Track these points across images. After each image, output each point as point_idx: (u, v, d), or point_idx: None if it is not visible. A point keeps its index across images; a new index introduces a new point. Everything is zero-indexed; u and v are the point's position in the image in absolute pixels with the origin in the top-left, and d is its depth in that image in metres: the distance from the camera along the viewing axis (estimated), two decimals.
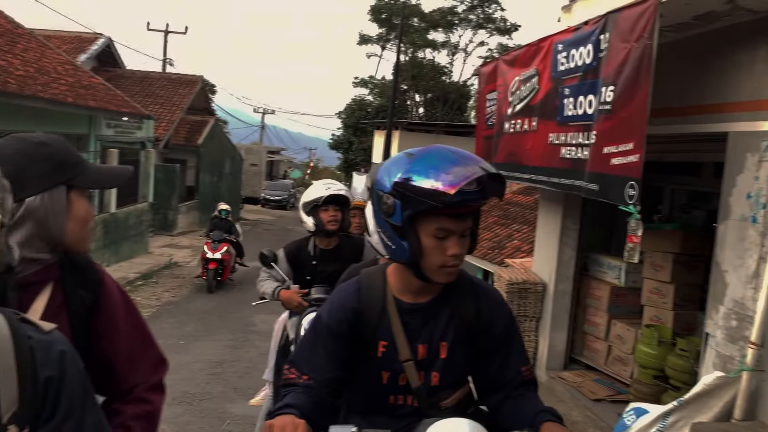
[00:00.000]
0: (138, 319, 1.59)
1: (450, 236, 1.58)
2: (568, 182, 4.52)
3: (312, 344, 1.71)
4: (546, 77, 4.88)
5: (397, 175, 1.57)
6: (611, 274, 5.83)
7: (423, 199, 1.51)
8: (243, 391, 5.69)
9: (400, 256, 1.63)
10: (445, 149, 1.62)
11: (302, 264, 3.79)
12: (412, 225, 1.57)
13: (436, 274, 1.62)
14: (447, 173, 1.51)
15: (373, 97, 32.91)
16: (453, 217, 1.57)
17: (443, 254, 1.58)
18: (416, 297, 1.72)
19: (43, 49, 13.26)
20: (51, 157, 1.38)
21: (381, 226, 1.64)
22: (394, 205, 1.57)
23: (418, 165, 1.56)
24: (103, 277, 1.53)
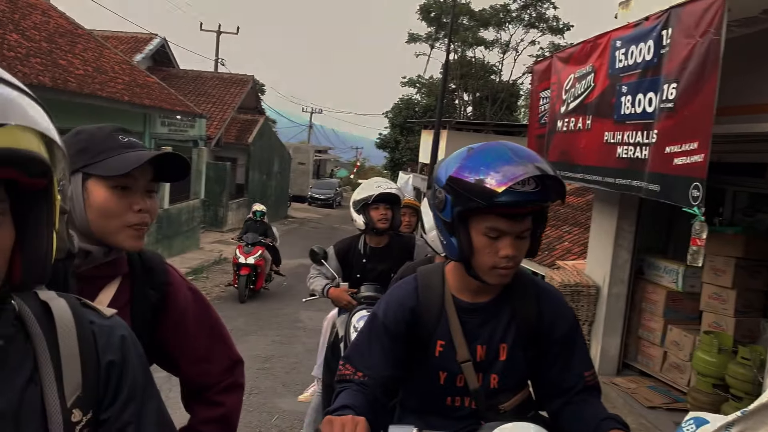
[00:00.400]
0: (211, 319, 1.57)
1: (503, 237, 1.53)
2: (625, 182, 4.38)
3: (368, 341, 1.69)
4: (602, 74, 4.75)
5: (453, 169, 1.53)
6: (668, 277, 5.64)
7: (471, 196, 1.47)
8: (291, 387, 5.73)
9: (450, 252, 1.59)
10: (504, 146, 1.57)
11: (352, 262, 3.80)
12: (464, 222, 1.53)
13: (487, 274, 1.57)
14: (497, 171, 1.46)
15: (421, 97, 32.84)
16: (507, 217, 1.51)
17: (495, 255, 1.53)
18: (475, 296, 1.68)
19: (101, 49, 13.69)
20: (75, 144, 1.35)
21: (436, 221, 1.62)
22: (444, 200, 1.53)
23: (472, 160, 1.52)
24: (172, 277, 1.51)
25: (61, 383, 0.89)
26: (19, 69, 8.92)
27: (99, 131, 1.40)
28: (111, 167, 1.33)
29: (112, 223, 1.35)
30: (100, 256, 1.37)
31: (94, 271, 1.37)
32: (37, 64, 9.70)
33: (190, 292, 1.54)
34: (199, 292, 1.59)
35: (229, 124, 20.39)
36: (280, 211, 25.47)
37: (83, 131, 1.40)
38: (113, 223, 1.35)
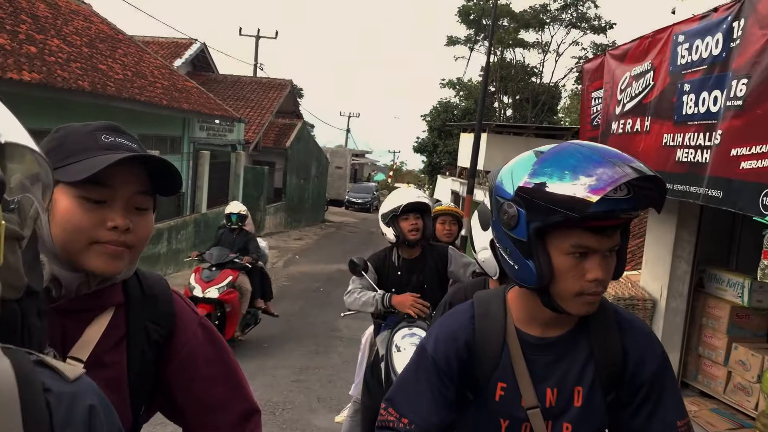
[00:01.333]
0: (225, 360, 1.31)
1: (591, 256, 1.25)
2: (683, 189, 4.02)
3: (414, 381, 1.43)
4: (663, 72, 4.38)
5: (522, 178, 1.26)
6: (732, 291, 5.21)
7: (556, 208, 1.19)
8: (326, 402, 5.50)
9: (524, 279, 1.31)
10: (585, 146, 1.29)
11: (387, 274, 3.57)
12: (541, 240, 1.25)
13: (570, 303, 1.29)
14: (589, 175, 1.18)
15: (460, 99, 32.46)
16: (594, 231, 1.23)
17: (581, 278, 1.26)
18: (545, 330, 1.40)
19: (141, 53, 13.79)
20: (47, 143, 1.12)
21: (502, 240, 1.33)
22: (517, 216, 1.26)
23: (550, 165, 1.24)
24: (180, 309, 1.26)
25: None
26: (58, 74, 8.95)
27: (80, 129, 1.16)
28: (75, 171, 1.07)
29: (76, 239, 1.09)
30: (74, 285, 1.11)
31: (78, 303, 1.12)
32: (77, 69, 9.74)
33: (201, 329, 1.29)
34: (213, 329, 1.33)
35: (268, 128, 20.42)
36: (317, 215, 25.41)
37: (63, 129, 1.16)
38: (77, 239, 1.09)
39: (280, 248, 16.71)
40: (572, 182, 1.19)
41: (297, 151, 22.00)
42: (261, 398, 5.45)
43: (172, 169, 1.15)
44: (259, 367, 6.45)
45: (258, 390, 5.69)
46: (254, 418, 1.33)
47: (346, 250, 16.80)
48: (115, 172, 1.08)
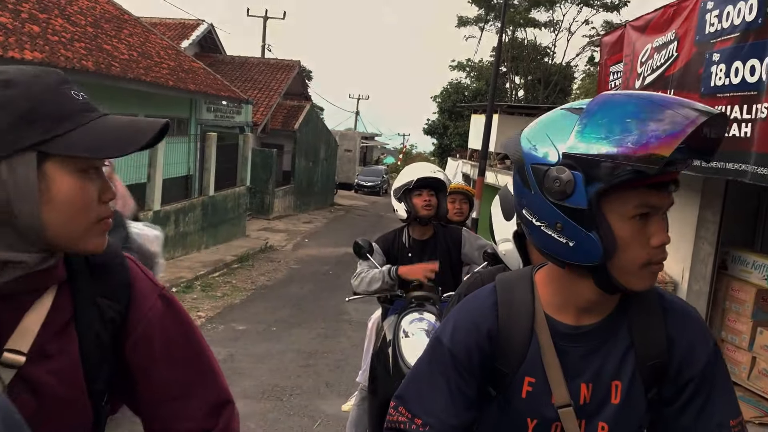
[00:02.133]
0: (190, 339, 1.10)
1: (652, 217, 1.07)
2: (717, 165, 3.80)
3: (429, 377, 1.24)
4: (688, 42, 4.15)
5: (569, 138, 1.07)
6: (757, 274, 5.00)
7: (627, 163, 1.00)
8: (335, 387, 5.36)
9: (584, 256, 1.09)
10: (629, 93, 1.11)
11: (396, 256, 3.38)
12: (600, 208, 1.06)
13: (636, 277, 1.09)
14: (659, 120, 0.99)
15: (470, 81, 32.05)
16: (658, 187, 1.05)
17: (646, 245, 1.07)
18: (580, 316, 1.21)
19: (147, 34, 13.58)
20: (12, 104, 0.88)
21: (548, 215, 1.11)
22: (573, 181, 1.05)
23: (605, 116, 1.05)
24: (136, 278, 1.06)
25: None
26: (62, 53, 8.79)
27: (37, 81, 0.92)
28: (99, 145, 0.90)
29: (81, 221, 0.93)
30: (32, 265, 0.92)
31: (12, 286, 0.92)
32: (80, 49, 9.57)
33: (162, 301, 1.07)
34: (176, 302, 1.11)
35: (276, 110, 20.21)
36: (326, 198, 25.25)
37: (13, 83, 0.90)
38: (82, 220, 0.93)
39: (289, 231, 16.59)
40: (640, 131, 1.00)
41: (305, 134, 21.79)
42: (268, 383, 5.34)
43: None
44: (267, 352, 6.32)
45: (265, 375, 5.57)
46: (226, 410, 1.11)
47: (356, 233, 16.65)
48: None
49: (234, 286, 9.75)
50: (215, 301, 8.69)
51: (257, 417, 4.56)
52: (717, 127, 1.06)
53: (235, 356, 6.10)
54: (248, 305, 8.59)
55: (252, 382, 5.35)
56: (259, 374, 5.57)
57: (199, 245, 12.43)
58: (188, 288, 9.32)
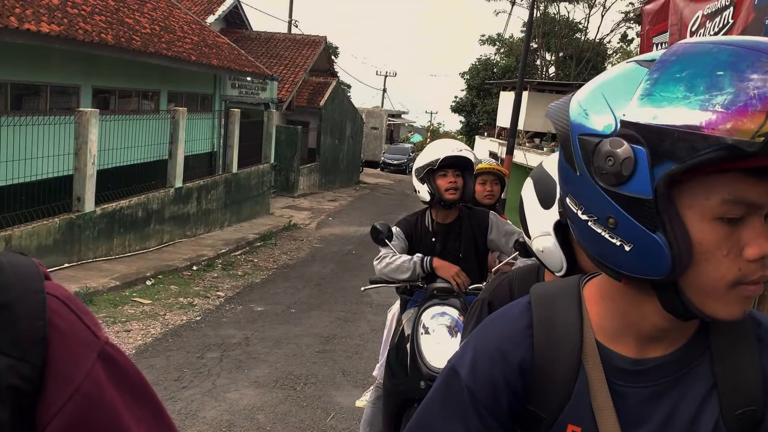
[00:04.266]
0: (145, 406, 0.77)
1: (749, 219, 0.75)
2: None
3: (441, 420, 0.95)
4: (746, 6, 3.73)
5: (632, 101, 0.76)
6: None
7: (714, 135, 0.68)
8: (351, 376, 5.12)
9: (647, 266, 0.78)
10: (720, 38, 0.79)
11: (419, 243, 3.09)
12: (670, 200, 0.75)
13: (719, 300, 0.78)
14: (760, 71, 0.69)
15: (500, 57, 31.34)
16: (755, 175, 0.73)
17: (738, 257, 0.75)
18: (644, 347, 0.90)
19: (171, 8, 13.36)
20: None
21: (597, 207, 0.80)
22: (632, 159, 0.74)
23: (684, 68, 0.74)
24: (64, 333, 0.71)
25: None
26: (80, 26, 8.59)
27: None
28: None
29: None
30: None
31: None
32: (100, 22, 9.36)
33: (105, 364, 0.73)
34: (123, 361, 0.76)
35: (301, 86, 19.95)
36: (352, 176, 25.01)
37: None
38: None
39: (313, 209, 16.42)
40: (738, 88, 0.68)
41: (331, 111, 21.49)
42: (283, 370, 5.13)
43: None
44: (284, 335, 6.11)
45: (280, 361, 5.36)
46: None
47: (380, 212, 16.39)
48: None
49: (255, 265, 9.59)
50: (236, 280, 8.54)
51: (267, 409, 4.33)
52: None
53: (251, 340, 5.91)
54: (268, 285, 8.42)
55: (266, 369, 5.14)
56: (274, 360, 5.35)
57: (222, 223, 12.29)
58: (209, 266, 9.18)
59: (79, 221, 8.03)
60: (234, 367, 5.13)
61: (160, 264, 8.83)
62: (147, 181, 9.96)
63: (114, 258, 8.72)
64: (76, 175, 8.09)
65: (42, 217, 7.50)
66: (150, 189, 9.95)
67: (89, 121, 8.03)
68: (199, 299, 7.36)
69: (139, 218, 9.45)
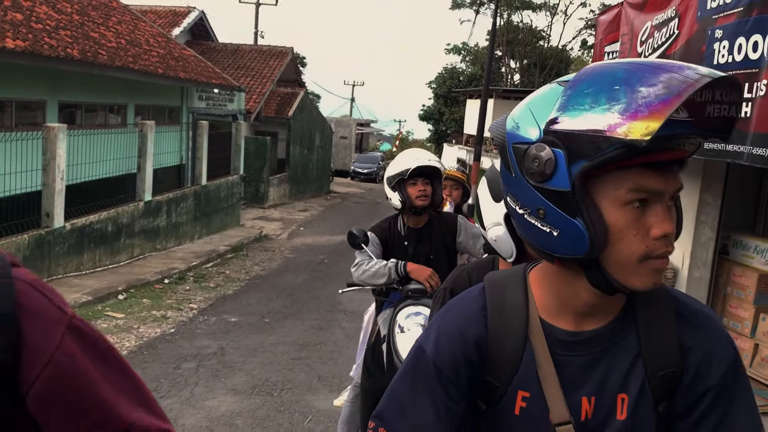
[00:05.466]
0: (117, 371, 0.87)
1: (653, 204, 0.92)
2: (716, 147, 3.65)
3: (411, 392, 1.09)
4: (689, 18, 3.99)
5: (552, 111, 0.93)
6: (760, 258, 4.87)
7: (613, 136, 0.85)
8: (327, 380, 5.23)
9: (570, 247, 0.94)
10: (625, 59, 0.97)
11: (392, 246, 3.26)
12: (586, 191, 0.91)
13: (634, 273, 0.94)
14: (651, 84, 0.85)
15: (466, 65, 31.80)
16: (657, 168, 0.90)
17: (645, 236, 0.92)
18: (580, 321, 1.06)
19: (136, 22, 13.34)
20: None
21: (529, 200, 0.97)
22: (554, 159, 0.91)
23: (591, 84, 0.91)
24: (32, 305, 0.80)
25: None
26: (46, 41, 8.57)
27: None
28: None
29: None
30: None
31: None
32: (66, 37, 9.34)
33: (74, 335, 0.83)
34: (92, 331, 0.86)
35: (269, 97, 19.99)
36: (322, 185, 25.09)
37: None
38: None
39: (284, 220, 16.45)
40: (630, 98, 0.85)
41: (300, 121, 21.57)
42: (259, 377, 5.21)
43: None
44: (259, 344, 6.19)
45: (256, 369, 5.44)
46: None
47: (352, 221, 16.50)
48: None
49: (227, 277, 9.61)
50: (208, 292, 8.56)
51: (246, 414, 4.42)
52: (727, 94, 0.90)
53: (226, 350, 5.98)
54: (241, 296, 8.46)
55: (242, 377, 5.22)
56: (250, 368, 5.43)
57: (192, 235, 12.27)
58: (181, 279, 9.18)
59: (49, 237, 7.99)
60: (211, 376, 5.20)
61: (132, 278, 8.81)
62: (116, 195, 9.92)
63: (85, 273, 8.67)
64: (44, 190, 8.05)
65: (11, 234, 7.45)
66: (119, 203, 9.91)
67: (57, 136, 8.01)
68: (173, 312, 7.38)
69: (109, 233, 9.41)
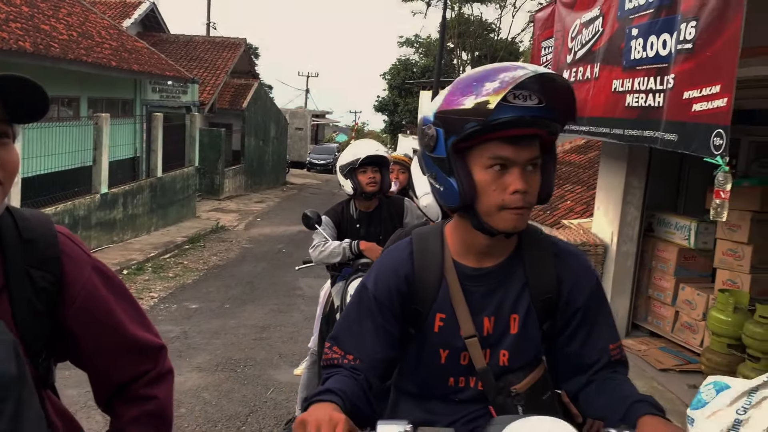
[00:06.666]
0: (125, 297, 1.24)
1: (510, 168, 1.28)
2: (635, 133, 4.09)
3: (358, 318, 1.44)
4: (611, 18, 4.41)
5: (440, 102, 1.31)
6: (680, 234, 5.39)
7: (466, 117, 1.23)
8: (288, 357, 5.54)
9: (450, 199, 1.32)
10: (487, 66, 1.34)
11: (346, 228, 3.61)
12: (461, 158, 1.29)
13: (495, 218, 1.30)
14: (491, 80, 1.22)
15: (419, 57, 32.21)
16: (511, 141, 1.26)
17: (503, 192, 1.28)
18: (481, 260, 1.42)
19: (87, 13, 13.22)
20: None
21: (428, 167, 1.36)
22: (435, 135, 1.29)
23: (461, 82, 1.30)
24: (68, 250, 1.15)
25: None
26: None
27: None
28: None
29: None
30: None
31: None
32: (16, 29, 9.30)
33: (96, 273, 1.19)
34: (110, 272, 1.24)
35: (223, 89, 19.96)
36: (278, 177, 25.16)
37: None
38: None
39: (240, 211, 16.55)
40: (477, 90, 1.23)
41: (254, 113, 21.60)
42: (223, 356, 5.48)
43: (38, 90, 1.02)
44: (221, 327, 6.44)
45: (219, 349, 5.70)
46: (163, 354, 1.29)
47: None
48: None
49: (186, 267, 9.76)
50: (167, 281, 8.72)
51: (212, 388, 4.71)
52: (547, 85, 1.25)
53: (188, 333, 6.21)
54: (201, 285, 8.65)
55: (206, 356, 5.48)
56: (213, 348, 5.70)
57: (149, 227, 12.33)
58: (139, 270, 9.30)
59: None
60: (175, 356, 5.44)
61: None
62: (72, 188, 9.94)
63: None
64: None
65: None
66: (75, 196, 9.94)
67: None
68: None
69: (66, 225, 9.40)
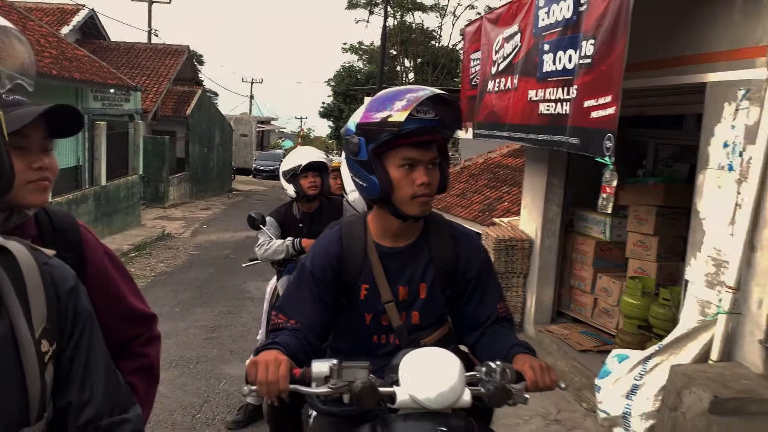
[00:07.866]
0: (126, 276, 1.62)
1: (417, 166, 1.67)
2: (547, 138, 4.57)
3: (298, 291, 1.80)
4: (528, 34, 4.89)
5: (360, 116, 1.68)
6: (596, 229, 5.94)
7: (381, 128, 1.61)
8: (238, 354, 5.81)
9: (372, 192, 1.70)
10: (397, 87, 1.74)
11: (289, 228, 3.97)
12: (379, 160, 1.66)
13: (408, 206, 1.70)
14: (400, 100, 1.62)
15: (363, 64, 32.66)
16: (416, 146, 1.65)
17: (413, 184, 1.67)
18: (396, 241, 1.81)
19: (24, 21, 13.08)
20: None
21: (352, 168, 1.73)
22: (359, 143, 1.66)
23: (376, 100, 1.68)
24: (86, 238, 1.52)
25: (29, 315, 0.95)
26: None
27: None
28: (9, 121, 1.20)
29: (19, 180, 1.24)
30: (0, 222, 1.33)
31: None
32: None
33: (107, 256, 1.57)
34: (116, 256, 1.63)
35: (166, 96, 19.89)
36: (224, 184, 25.12)
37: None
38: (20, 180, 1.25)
39: (186, 218, 16.55)
40: (389, 107, 1.61)
41: (198, 120, 21.58)
42: (176, 354, 5.70)
43: (77, 114, 1.38)
44: (173, 329, 6.63)
45: (172, 348, 5.92)
46: (155, 321, 1.69)
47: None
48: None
49: (133, 275, 9.71)
50: None
51: (167, 383, 4.93)
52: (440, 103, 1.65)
53: None
54: (149, 291, 8.74)
55: None
56: (166, 348, 5.90)
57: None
58: None
59: None
60: None
61: None
62: None
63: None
64: None
65: None
66: None
67: None
68: None
69: None
